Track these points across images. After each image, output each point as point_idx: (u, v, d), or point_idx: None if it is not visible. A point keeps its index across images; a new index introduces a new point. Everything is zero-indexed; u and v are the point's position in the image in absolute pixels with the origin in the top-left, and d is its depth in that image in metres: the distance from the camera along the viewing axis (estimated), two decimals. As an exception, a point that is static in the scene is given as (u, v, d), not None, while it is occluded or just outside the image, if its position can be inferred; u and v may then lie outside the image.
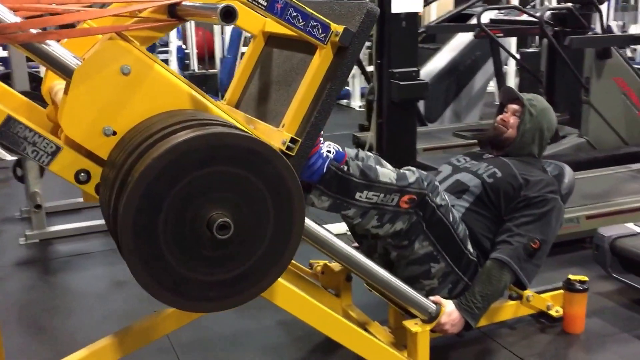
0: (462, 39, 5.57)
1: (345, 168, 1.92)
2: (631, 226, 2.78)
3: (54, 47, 1.58)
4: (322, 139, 1.88)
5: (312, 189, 1.90)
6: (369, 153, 2.28)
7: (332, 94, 1.75)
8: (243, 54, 6.65)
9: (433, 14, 7.67)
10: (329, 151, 1.90)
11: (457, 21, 5.53)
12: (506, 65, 6.55)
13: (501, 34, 4.75)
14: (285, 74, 1.98)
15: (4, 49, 6.43)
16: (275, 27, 1.83)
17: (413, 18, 3.35)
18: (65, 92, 1.62)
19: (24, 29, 1.45)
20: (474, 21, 5.02)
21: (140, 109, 1.61)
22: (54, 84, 2.00)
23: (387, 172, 1.97)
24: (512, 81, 6.80)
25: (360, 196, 1.92)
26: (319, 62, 1.75)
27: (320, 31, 1.71)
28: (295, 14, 1.66)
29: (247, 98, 2.16)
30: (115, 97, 1.59)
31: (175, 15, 1.63)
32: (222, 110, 1.72)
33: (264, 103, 2.04)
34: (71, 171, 1.60)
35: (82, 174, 1.61)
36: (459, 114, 5.68)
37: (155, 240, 1.42)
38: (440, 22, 5.54)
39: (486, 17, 4.94)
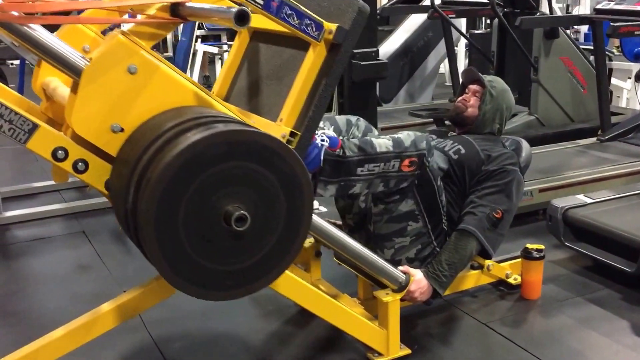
0: (415, 21, 5.67)
1: (341, 152, 1.99)
2: (582, 197, 2.93)
3: (57, 43, 1.61)
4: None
5: (317, 183, 1.97)
6: (360, 119, 2.35)
7: (327, 89, 1.83)
8: (197, 36, 6.62)
9: (384, -4, 7.74)
10: (322, 140, 1.98)
11: (410, 3, 5.62)
12: (456, 46, 6.70)
13: (453, 15, 4.86)
14: (276, 69, 2.03)
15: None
16: (261, 22, 1.87)
17: (372, -1, 3.41)
18: (73, 90, 1.65)
19: (5, 10, 1.44)
20: (426, 2, 5.12)
21: (147, 107, 1.67)
22: (49, 80, 2.01)
23: (383, 142, 2.04)
24: (461, 62, 6.96)
25: (362, 171, 2.00)
26: (313, 58, 1.82)
27: (314, 29, 1.77)
28: (290, 12, 1.73)
29: (237, 92, 2.20)
30: (122, 96, 1.65)
31: (177, 14, 1.68)
32: (225, 106, 1.78)
33: (255, 97, 2.08)
34: (48, 149, 1.62)
35: (60, 152, 1.62)
36: (412, 94, 5.80)
37: (176, 233, 1.49)
38: (394, 4, 5.62)
39: (438, -1, 5.04)
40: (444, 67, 6.77)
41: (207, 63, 7.59)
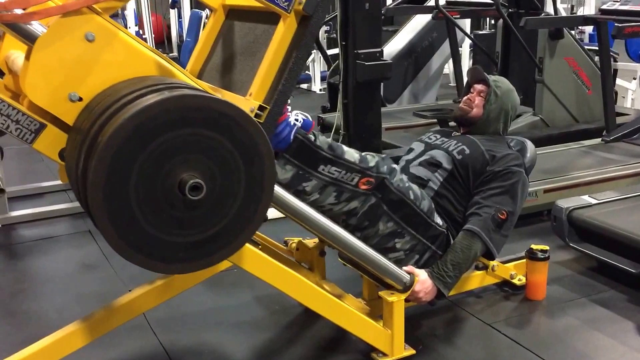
0: (419, 21, 5.66)
1: (313, 138, 1.97)
2: (586, 198, 2.92)
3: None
4: (289, 107, 1.93)
5: (278, 158, 1.92)
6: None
7: (298, 62, 1.78)
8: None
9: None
10: (296, 119, 1.94)
11: (414, 3, 5.62)
12: (460, 47, 6.69)
13: (458, 15, 4.86)
14: (249, 45, 1.99)
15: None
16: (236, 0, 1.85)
17: (376, 0, 3.42)
18: (27, 58, 1.61)
19: (8, 9, 1.45)
20: (431, 3, 5.11)
21: (106, 76, 1.62)
22: (10, 52, 1.97)
23: (351, 152, 2.04)
24: (465, 62, 6.95)
25: (323, 169, 1.98)
26: (284, 31, 1.77)
27: (283, 0, 1.74)
28: None
29: (210, 70, 2.17)
30: (80, 64, 1.60)
31: None
32: (189, 77, 1.73)
33: (228, 74, 2.05)
34: (55, 149, 1.62)
35: None
36: (416, 94, 5.79)
37: (126, 201, 1.44)
38: (398, 4, 5.62)
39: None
40: (449, 68, 6.76)
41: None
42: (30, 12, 1.55)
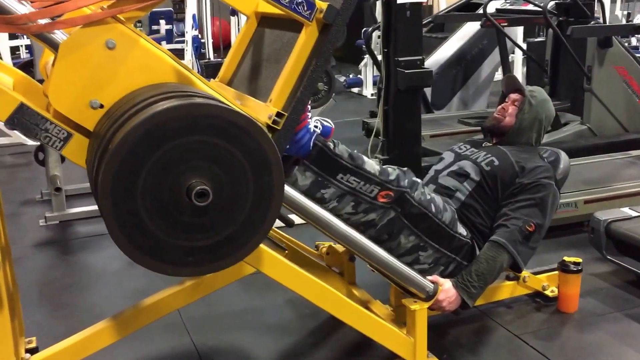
0: (469, 28, 5.64)
1: (332, 146, 2.00)
2: (626, 210, 2.86)
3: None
4: (309, 114, 1.96)
5: (299, 164, 1.97)
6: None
7: (317, 70, 1.81)
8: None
9: (442, 3, 7.72)
10: (315, 126, 1.98)
11: (465, 10, 5.60)
12: (513, 54, 6.60)
13: (506, 23, 4.82)
14: (276, 52, 2.04)
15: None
16: (268, 7, 1.89)
17: (417, 8, 3.45)
18: (53, 65, 1.66)
19: (33, 20, 1.53)
20: (481, 10, 5.08)
21: (125, 83, 1.65)
22: (50, 59, 2.00)
23: (372, 163, 2.06)
24: (519, 70, 6.85)
25: (342, 177, 2.01)
26: (305, 39, 1.81)
27: (305, 8, 1.78)
28: None
29: (240, 76, 2.23)
30: (101, 71, 1.63)
31: None
32: (207, 85, 1.77)
33: (255, 80, 2.10)
34: (83, 156, 1.67)
35: None
36: (466, 101, 5.76)
37: (134, 205, 1.47)
38: (449, 12, 5.61)
39: (492, 7, 5.00)
40: (501, 75, 6.66)
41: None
42: (54, 21, 1.60)
